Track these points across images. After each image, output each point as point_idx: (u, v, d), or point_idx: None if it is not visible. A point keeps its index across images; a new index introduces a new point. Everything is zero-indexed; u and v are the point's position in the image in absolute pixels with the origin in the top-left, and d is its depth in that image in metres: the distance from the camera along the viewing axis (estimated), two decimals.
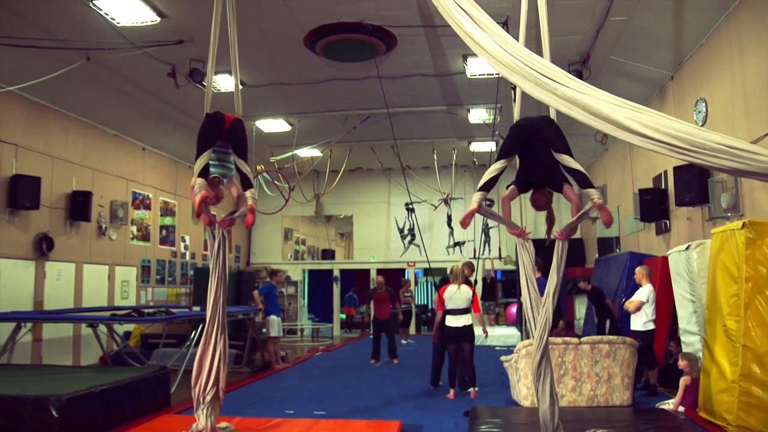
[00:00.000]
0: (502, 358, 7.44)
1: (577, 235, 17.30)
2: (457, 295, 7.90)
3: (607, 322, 8.58)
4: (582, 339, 6.79)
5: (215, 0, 5.48)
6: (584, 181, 4.22)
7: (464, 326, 7.86)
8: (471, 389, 7.76)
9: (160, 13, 7.94)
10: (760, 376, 5.38)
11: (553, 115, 4.61)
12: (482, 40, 3.10)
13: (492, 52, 3.01)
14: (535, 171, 4.54)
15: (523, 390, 6.72)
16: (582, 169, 4.18)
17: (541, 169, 4.50)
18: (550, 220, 4.79)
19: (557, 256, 4.49)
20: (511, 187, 4.72)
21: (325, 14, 8.24)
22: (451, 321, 7.91)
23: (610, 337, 6.92)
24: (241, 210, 5.40)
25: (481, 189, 4.49)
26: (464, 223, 4.37)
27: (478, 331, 8.36)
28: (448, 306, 7.94)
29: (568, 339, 6.81)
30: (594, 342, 6.73)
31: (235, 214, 5.41)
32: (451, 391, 7.75)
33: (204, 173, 5.14)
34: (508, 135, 4.69)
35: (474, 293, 8.08)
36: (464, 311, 7.90)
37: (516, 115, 5.00)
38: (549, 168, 4.43)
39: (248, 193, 5.30)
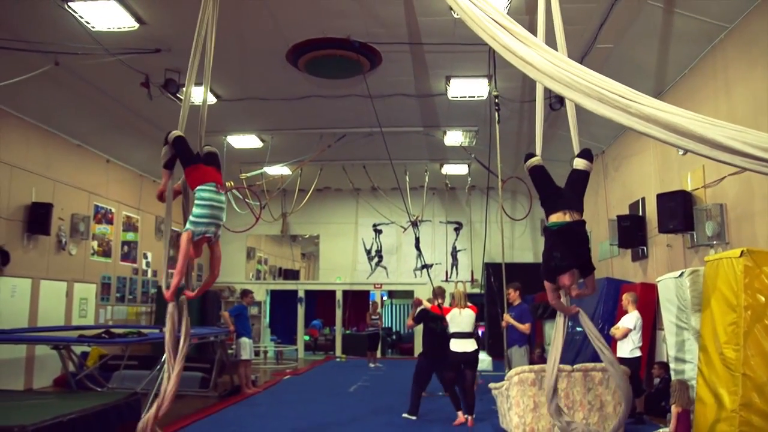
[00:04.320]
0: (491, 385, 7.23)
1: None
2: (459, 318, 7.70)
3: None
4: (575, 366, 6.65)
5: (201, 9, 5.22)
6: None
7: (471, 352, 7.64)
8: (468, 417, 7.56)
9: (139, 20, 7.60)
10: (760, 406, 5.32)
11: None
12: (526, 55, 2.92)
13: (540, 67, 2.83)
14: (575, 251, 4.63)
15: (515, 419, 6.52)
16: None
17: (581, 250, 4.68)
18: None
19: None
20: (550, 284, 4.87)
21: (311, 29, 8.11)
22: (456, 345, 7.64)
23: (603, 364, 6.80)
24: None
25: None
26: None
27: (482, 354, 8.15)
28: (452, 329, 7.72)
29: (561, 366, 6.65)
30: (587, 369, 6.61)
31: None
32: (460, 414, 7.56)
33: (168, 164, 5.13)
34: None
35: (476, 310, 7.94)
36: (469, 335, 7.69)
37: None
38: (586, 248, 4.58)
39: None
